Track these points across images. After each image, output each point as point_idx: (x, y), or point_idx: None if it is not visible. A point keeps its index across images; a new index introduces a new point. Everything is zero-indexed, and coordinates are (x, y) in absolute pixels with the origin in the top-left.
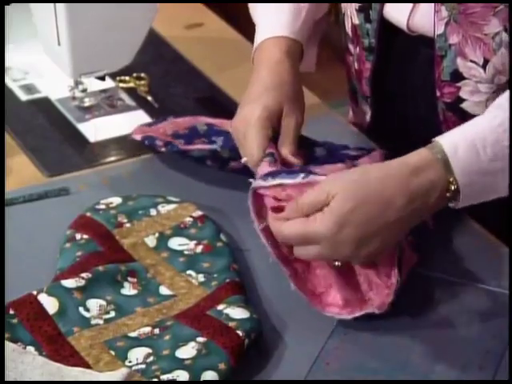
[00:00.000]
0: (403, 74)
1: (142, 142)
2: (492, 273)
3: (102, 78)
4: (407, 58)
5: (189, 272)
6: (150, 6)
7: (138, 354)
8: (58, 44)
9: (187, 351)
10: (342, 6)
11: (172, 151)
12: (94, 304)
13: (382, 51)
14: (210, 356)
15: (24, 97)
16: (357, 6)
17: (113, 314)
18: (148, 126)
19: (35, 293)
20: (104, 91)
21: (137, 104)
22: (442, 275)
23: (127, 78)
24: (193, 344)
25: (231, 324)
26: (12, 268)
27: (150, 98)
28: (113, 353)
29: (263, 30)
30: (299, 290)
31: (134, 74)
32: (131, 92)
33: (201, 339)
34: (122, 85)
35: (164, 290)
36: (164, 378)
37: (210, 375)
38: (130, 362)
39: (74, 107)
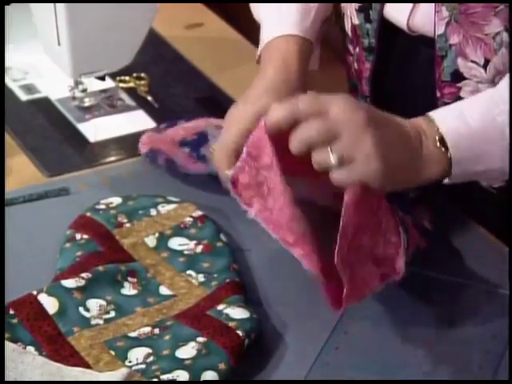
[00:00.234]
0: (403, 74)
1: (146, 155)
2: (492, 273)
3: (102, 78)
4: (407, 58)
5: (189, 272)
6: (149, 5)
7: (138, 354)
8: (58, 44)
9: (187, 351)
10: (342, 6)
11: (168, 170)
12: (94, 304)
13: (381, 51)
14: (210, 356)
15: (24, 97)
16: (356, 6)
17: (113, 313)
18: (157, 132)
19: (35, 293)
20: (104, 91)
21: (137, 104)
22: (441, 275)
23: (127, 78)
24: (193, 344)
25: (231, 324)
26: (12, 268)
27: (149, 98)
28: (113, 353)
29: (271, 28)
30: (312, 269)
31: (134, 74)
32: (131, 92)
33: (201, 339)
34: (121, 85)
35: (164, 290)
36: (164, 377)
37: (209, 375)
38: (130, 361)
39: (74, 107)
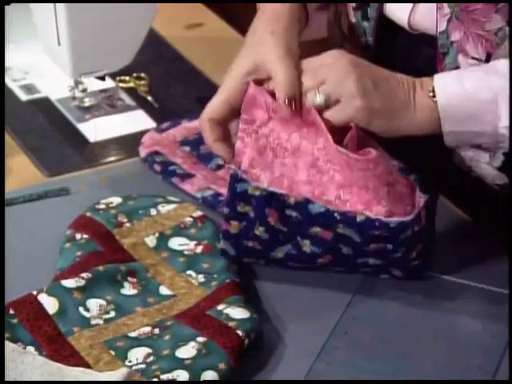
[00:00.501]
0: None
1: (144, 160)
2: (492, 273)
3: (102, 78)
4: (408, 56)
5: (189, 272)
6: (149, 6)
7: (137, 354)
8: (58, 44)
9: (187, 351)
10: (340, 4)
11: (164, 178)
12: (94, 304)
13: (381, 50)
14: (210, 356)
15: (24, 97)
16: (354, 4)
17: (113, 313)
18: (159, 132)
19: (35, 293)
20: (104, 91)
21: (137, 104)
22: (441, 275)
23: (127, 78)
24: (193, 344)
25: (231, 324)
26: (12, 268)
27: (149, 98)
28: (113, 353)
29: None
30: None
31: (134, 74)
32: (131, 92)
33: (201, 339)
34: (121, 85)
35: (164, 290)
36: (164, 377)
37: (209, 375)
38: (130, 361)
39: (74, 107)
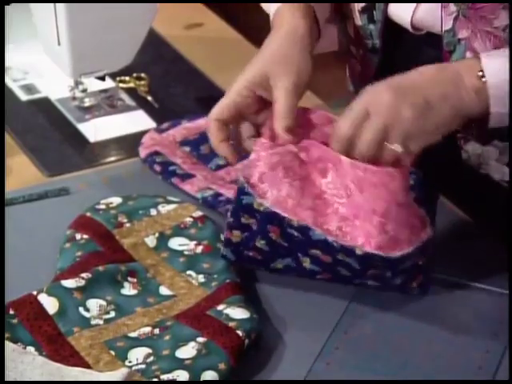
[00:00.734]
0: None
1: (144, 160)
2: (492, 273)
3: (102, 78)
4: (412, 58)
5: (189, 272)
6: (149, 6)
7: (137, 354)
8: (58, 44)
9: (187, 351)
10: (344, 7)
11: (164, 178)
12: (94, 304)
13: (386, 52)
14: (210, 356)
15: (24, 97)
16: (359, 7)
17: (113, 314)
18: (159, 133)
19: (35, 293)
20: (104, 91)
21: (137, 104)
22: (441, 275)
23: (127, 78)
24: (193, 344)
25: (231, 324)
26: (12, 268)
27: (149, 98)
28: (113, 353)
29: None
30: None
31: (134, 74)
32: (131, 92)
33: (201, 339)
34: (121, 85)
35: (164, 290)
36: (164, 377)
37: (209, 375)
38: (130, 362)
39: (74, 107)
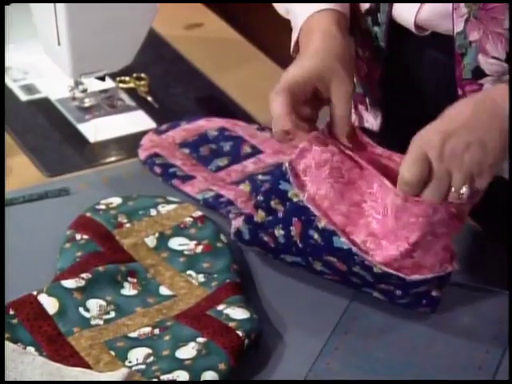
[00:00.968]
0: (413, 76)
1: (144, 162)
2: (492, 273)
3: (102, 79)
4: (417, 60)
5: (189, 272)
6: (149, 5)
7: (137, 355)
8: (58, 44)
9: (187, 351)
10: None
11: (164, 180)
12: (94, 304)
13: (392, 54)
14: (210, 356)
15: (24, 97)
16: (363, 9)
17: (113, 314)
18: (158, 134)
19: (35, 293)
20: (104, 91)
21: (137, 104)
22: None
23: (127, 79)
24: (193, 344)
25: (231, 324)
26: (12, 268)
27: (149, 98)
28: (113, 353)
29: (305, 10)
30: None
31: (134, 75)
32: (131, 92)
33: (201, 339)
34: (121, 85)
35: (164, 291)
36: (164, 378)
37: (209, 375)
38: (130, 362)
39: (74, 107)
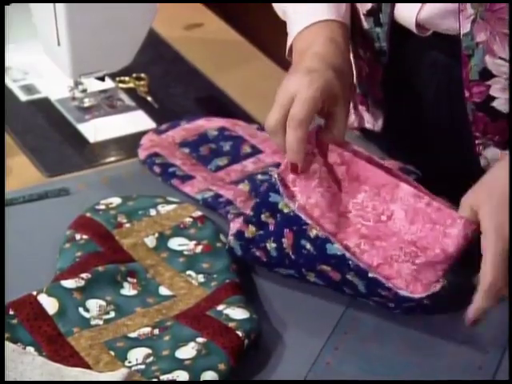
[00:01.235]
0: (414, 76)
1: (144, 161)
2: None
3: (102, 79)
4: (419, 61)
5: (188, 272)
6: (149, 6)
7: (137, 355)
8: (58, 44)
9: (187, 351)
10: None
11: (164, 180)
12: (94, 304)
13: (394, 54)
14: (210, 356)
15: (24, 97)
16: (365, 10)
17: (112, 314)
18: (158, 134)
19: (35, 293)
20: (104, 91)
21: (136, 104)
22: None
23: (127, 79)
24: (192, 344)
25: (231, 324)
26: (12, 268)
27: (149, 98)
28: (112, 353)
29: (302, 18)
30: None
31: (134, 75)
32: (131, 92)
33: (200, 339)
34: (121, 85)
35: (164, 291)
36: (164, 378)
37: (209, 375)
38: (130, 362)
39: (74, 107)
